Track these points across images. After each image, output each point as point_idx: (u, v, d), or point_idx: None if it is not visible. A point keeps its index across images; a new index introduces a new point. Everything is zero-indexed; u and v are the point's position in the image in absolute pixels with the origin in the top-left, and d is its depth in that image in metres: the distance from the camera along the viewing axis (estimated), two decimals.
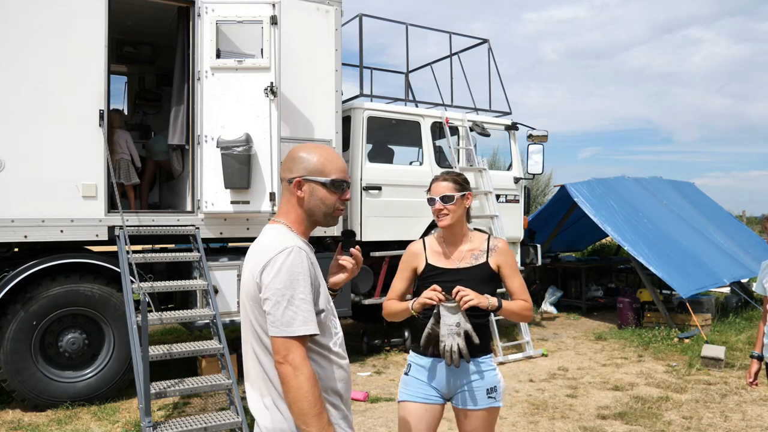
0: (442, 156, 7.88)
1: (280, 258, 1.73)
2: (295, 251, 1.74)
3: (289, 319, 1.69)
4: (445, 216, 2.57)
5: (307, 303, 1.72)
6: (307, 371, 1.67)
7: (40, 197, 5.05)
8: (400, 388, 2.62)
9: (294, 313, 1.69)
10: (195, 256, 5.41)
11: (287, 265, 1.72)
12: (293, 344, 1.68)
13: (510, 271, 2.61)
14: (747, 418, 4.91)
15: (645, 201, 9.83)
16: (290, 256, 1.73)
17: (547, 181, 20.14)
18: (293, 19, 6.06)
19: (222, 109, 5.53)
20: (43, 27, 5.07)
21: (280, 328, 1.69)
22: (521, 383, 5.99)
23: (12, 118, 4.97)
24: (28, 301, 5.01)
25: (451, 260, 2.61)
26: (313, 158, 1.87)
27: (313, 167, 1.87)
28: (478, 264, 2.58)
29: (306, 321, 1.70)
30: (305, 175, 1.86)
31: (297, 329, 1.69)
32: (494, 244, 2.63)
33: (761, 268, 3.44)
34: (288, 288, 1.70)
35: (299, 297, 1.71)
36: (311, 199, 1.87)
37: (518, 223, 8.26)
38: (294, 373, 1.66)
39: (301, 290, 1.71)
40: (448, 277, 2.55)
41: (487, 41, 8.38)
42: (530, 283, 10.88)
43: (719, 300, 9.47)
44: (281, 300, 1.70)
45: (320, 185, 1.86)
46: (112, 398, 5.32)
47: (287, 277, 1.71)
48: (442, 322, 2.39)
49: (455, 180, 2.62)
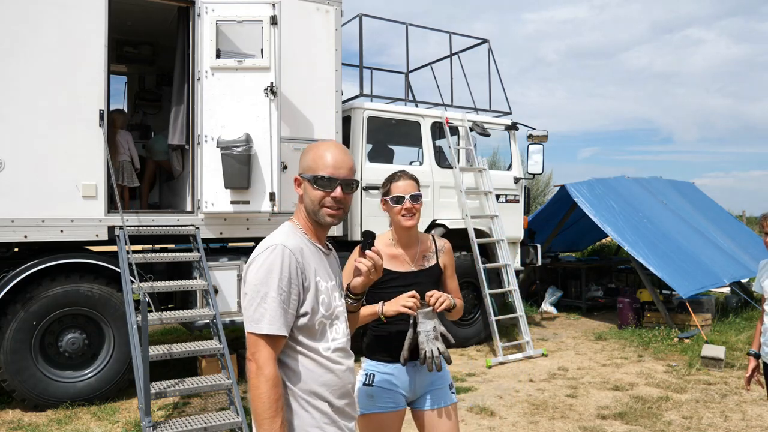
0: (442, 156, 7.88)
1: (264, 255, 1.75)
2: (278, 249, 1.74)
3: (258, 316, 1.69)
4: (412, 216, 2.51)
5: (278, 302, 1.70)
6: (268, 372, 1.66)
7: (40, 197, 5.05)
8: (364, 400, 2.47)
9: (264, 311, 1.69)
10: (195, 256, 5.41)
11: (267, 263, 1.72)
12: (260, 342, 1.68)
13: (452, 271, 2.64)
14: (747, 418, 4.91)
15: (645, 201, 9.82)
16: (272, 253, 1.74)
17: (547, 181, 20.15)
18: (293, 19, 6.06)
19: (222, 109, 5.53)
20: (43, 27, 5.07)
21: (250, 324, 1.70)
22: (521, 383, 5.99)
23: (12, 118, 4.97)
24: (28, 301, 5.01)
25: (405, 263, 2.55)
26: (307, 155, 1.88)
27: (306, 165, 1.87)
28: (431, 265, 2.57)
29: (272, 320, 1.68)
30: (300, 172, 1.88)
31: (263, 327, 1.68)
32: (441, 245, 2.63)
33: (759, 267, 3.45)
34: (263, 285, 1.71)
35: (271, 296, 1.70)
36: (305, 196, 1.87)
37: (518, 223, 8.25)
38: (256, 372, 1.66)
39: (274, 288, 1.70)
40: (407, 280, 2.50)
41: (487, 41, 8.38)
42: (530, 283, 10.89)
43: (719, 300, 9.47)
44: (255, 296, 1.71)
45: (308, 182, 1.85)
46: (112, 398, 5.32)
47: (264, 275, 1.71)
48: (420, 329, 2.35)
49: (414, 178, 2.57)
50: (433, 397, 2.50)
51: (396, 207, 2.50)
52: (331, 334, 1.84)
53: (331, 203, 1.83)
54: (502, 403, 5.34)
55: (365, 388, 2.49)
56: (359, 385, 2.49)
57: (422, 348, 2.35)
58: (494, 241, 7.66)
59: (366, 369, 2.54)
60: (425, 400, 2.50)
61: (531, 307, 10.07)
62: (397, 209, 2.50)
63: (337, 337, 1.86)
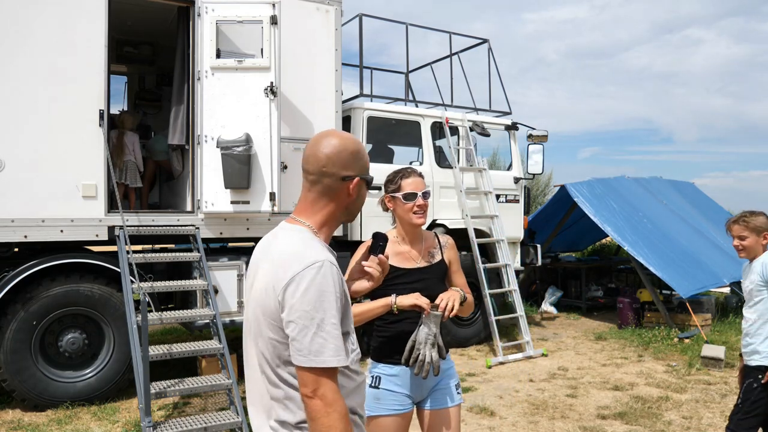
0: (442, 156, 7.88)
1: (309, 274, 1.49)
2: (327, 266, 1.52)
3: (318, 347, 1.47)
4: (424, 213, 2.50)
5: (338, 329, 1.51)
6: (340, 408, 1.48)
7: (40, 197, 5.05)
8: (370, 403, 2.44)
9: (324, 340, 1.48)
10: (195, 256, 5.41)
11: (317, 284, 1.49)
12: (324, 377, 1.47)
13: (457, 266, 2.62)
14: None
15: (645, 201, 9.82)
16: (320, 271, 1.50)
17: (547, 181, 20.13)
18: (293, 19, 6.06)
19: (222, 109, 5.53)
20: (43, 27, 5.07)
21: (308, 357, 1.47)
22: (521, 383, 5.99)
23: (12, 118, 4.97)
24: (28, 301, 5.01)
25: (410, 260, 2.54)
26: (366, 154, 1.71)
27: (368, 165, 1.70)
28: (436, 262, 2.56)
29: (337, 351, 1.49)
30: (362, 173, 1.68)
31: (328, 360, 1.47)
32: (445, 241, 2.63)
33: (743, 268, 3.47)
34: (317, 311, 1.48)
35: (330, 322, 1.49)
36: (358, 198, 1.70)
37: (518, 223, 8.26)
38: (326, 410, 1.46)
39: (331, 314, 1.49)
40: (414, 277, 2.49)
41: (487, 41, 8.38)
42: (530, 283, 10.89)
43: (719, 300, 9.47)
44: (309, 325, 1.47)
45: (366, 184, 1.69)
46: (112, 398, 5.32)
47: (317, 298, 1.49)
48: (422, 330, 2.35)
49: (422, 175, 2.58)
50: (437, 396, 2.49)
51: (407, 204, 2.48)
52: (349, 346, 1.63)
53: None
54: (502, 403, 5.34)
55: (371, 390, 2.49)
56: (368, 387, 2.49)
57: (418, 348, 2.33)
58: (494, 241, 7.66)
59: (372, 372, 2.53)
60: (429, 400, 2.50)
61: (531, 307, 10.07)
62: (408, 206, 2.48)
63: (354, 348, 1.67)
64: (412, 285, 2.44)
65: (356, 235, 6.76)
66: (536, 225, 10.05)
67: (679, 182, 11.91)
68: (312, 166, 1.64)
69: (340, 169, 1.63)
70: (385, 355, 2.50)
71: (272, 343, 1.56)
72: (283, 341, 1.53)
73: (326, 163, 1.62)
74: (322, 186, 1.64)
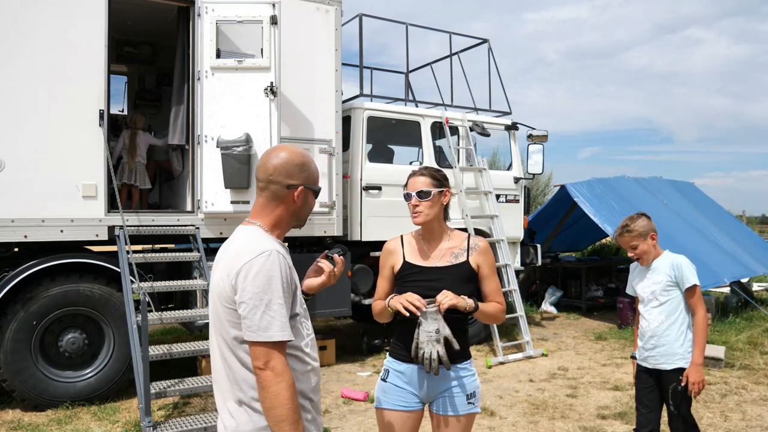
0: (442, 156, 7.88)
1: (259, 261, 1.73)
2: (274, 255, 1.75)
3: (266, 324, 1.68)
4: (419, 213, 2.48)
5: (284, 308, 1.72)
6: (288, 378, 1.68)
7: (40, 197, 5.05)
8: (378, 394, 2.53)
9: (271, 318, 1.69)
10: (195, 256, 5.41)
11: (265, 269, 1.72)
12: (272, 350, 1.68)
13: (489, 271, 2.53)
14: (747, 418, 4.91)
15: (645, 201, 9.82)
16: (269, 259, 1.73)
17: (547, 181, 20.12)
18: (293, 19, 6.06)
19: (222, 109, 5.53)
20: (43, 27, 5.07)
21: (257, 333, 1.68)
22: (521, 383, 5.99)
23: (12, 118, 4.97)
24: (28, 301, 5.01)
25: (429, 258, 2.51)
26: (312, 167, 1.93)
27: (313, 177, 1.93)
28: (458, 263, 2.48)
29: (283, 327, 1.70)
30: (307, 183, 1.90)
31: (274, 334, 1.68)
32: (475, 243, 2.54)
33: (631, 269, 3.49)
34: (266, 292, 1.70)
35: (277, 302, 1.71)
36: (305, 206, 1.92)
37: (518, 223, 8.26)
38: (276, 380, 1.67)
39: (278, 295, 1.71)
40: (427, 275, 2.47)
41: (487, 41, 8.38)
42: (530, 283, 10.89)
43: (719, 300, 9.47)
44: (259, 305, 1.69)
45: (313, 193, 1.93)
46: (112, 398, 5.32)
47: (265, 282, 1.71)
48: (422, 329, 2.33)
49: (433, 175, 2.51)
50: (444, 402, 2.45)
51: (408, 203, 2.52)
52: (304, 331, 1.87)
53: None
54: (502, 403, 5.34)
55: (381, 382, 2.54)
56: (378, 380, 2.56)
57: (420, 348, 2.33)
58: (494, 241, 7.66)
59: (385, 364, 2.57)
60: (438, 404, 2.47)
61: (531, 307, 10.07)
62: (408, 206, 2.53)
63: (309, 333, 1.90)
64: (427, 283, 2.44)
65: (356, 235, 6.76)
66: (536, 225, 10.05)
67: (679, 182, 11.91)
68: (261, 174, 1.88)
69: (285, 178, 1.86)
70: (396, 351, 2.53)
71: (227, 326, 1.77)
72: (237, 321, 1.74)
73: (273, 172, 1.86)
74: (269, 192, 1.87)
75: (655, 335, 3.24)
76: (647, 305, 3.31)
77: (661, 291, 3.24)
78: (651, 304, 3.28)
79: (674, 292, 3.22)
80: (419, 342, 2.34)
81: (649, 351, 3.27)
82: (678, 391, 3.17)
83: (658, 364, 3.24)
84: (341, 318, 8.56)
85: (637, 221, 3.30)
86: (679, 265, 3.22)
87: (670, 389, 3.20)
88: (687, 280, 3.19)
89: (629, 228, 3.29)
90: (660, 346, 3.22)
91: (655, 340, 3.24)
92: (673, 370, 3.19)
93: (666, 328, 3.21)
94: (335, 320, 9.07)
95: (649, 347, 3.27)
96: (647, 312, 3.30)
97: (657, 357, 3.24)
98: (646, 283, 3.31)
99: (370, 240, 6.82)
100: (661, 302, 3.24)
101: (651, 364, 3.27)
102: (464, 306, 2.34)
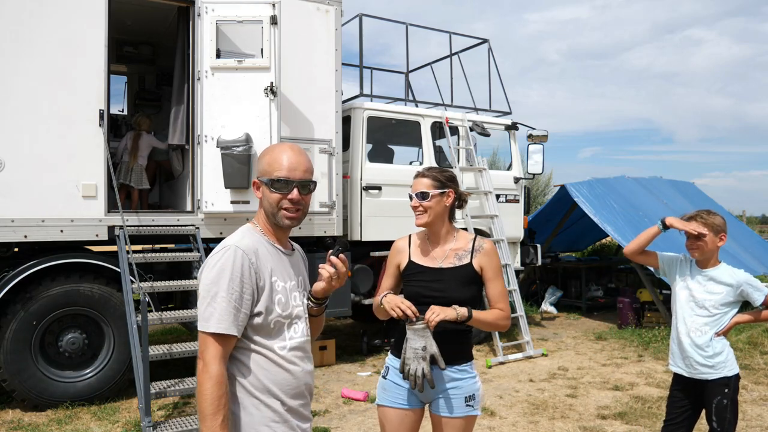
0: (442, 156, 7.88)
1: (217, 256, 1.79)
2: (231, 250, 1.78)
3: (208, 315, 1.72)
4: (421, 213, 2.48)
5: (228, 302, 1.72)
6: (213, 371, 1.68)
7: (40, 197, 5.05)
8: (379, 391, 2.55)
9: (213, 309, 1.72)
10: (195, 256, 5.41)
11: (220, 263, 1.76)
12: (208, 341, 1.71)
13: (492, 274, 2.49)
14: (747, 418, 4.90)
15: (645, 201, 9.82)
16: (225, 254, 1.77)
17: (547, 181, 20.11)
18: (293, 18, 6.06)
19: (222, 109, 5.53)
20: (42, 27, 5.07)
21: (200, 323, 1.74)
22: (521, 383, 5.99)
23: (12, 118, 4.97)
24: (28, 301, 5.01)
25: (433, 259, 2.51)
26: (263, 159, 1.90)
27: (262, 168, 1.88)
28: (461, 264, 2.47)
29: (220, 320, 1.71)
30: (258, 176, 1.90)
31: (211, 326, 1.71)
32: (480, 245, 2.51)
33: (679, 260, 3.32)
34: (214, 285, 1.74)
35: (221, 295, 1.73)
36: (264, 199, 1.89)
37: (518, 223, 8.25)
38: (201, 370, 1.70)
39: (224, 288, 1.73)
40: (429, 276, 2.47)
41: (487, 41, 8.38)
42: (530, 283, 10.89)
43: None
44: (206, 296, 1.75)
45: (265, 185, 1.87)
46: (112, 398, 5.32)
47: (216, 275, 1.75)
48: (409, 345, 2.32)
49: (435, 177, 2.49)
50: (441, 403, 2.45)
51: (410, 204, 2.53)
52: (288, 333, 1.86)
53: (289, 205, 1.86)
54: (502, 403, 5.34)
55: (381, 380, 2.56)
56: (379, 377, 2.57)
57: (407, 364, 2.33)
58: (494, 241, 7.66)
59: (387, 361, 2.58)
60: (436, 404, 2.47)
61: (531, 307, 10.07)
62: (411, 206, 2.53)
63: (294, 336, 1.88)
64: (429, 284, 2.44)
65: (356, 235, 6.76)
66: (536, 225, 10.05)
67: (679, 182, 11.91)
68: None
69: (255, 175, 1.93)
70: (397, 349, 2.53)
71: None
72: None
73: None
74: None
75: (702, 346, 3.01)
76: (690, 310, 3.07)
77: (716, 305, 3.03)
78: (697, 312, 3.05)
79: (732, 312, 3.05)
80: (406, 358, 2.34)
81: (700, 365, 3.02)
82: (724, 405, 2.94)
83: (706, 375, 3.00)
84: (341, 318, 8.57)
85: (715, 216, 3.12)
86: (746, 282, 3.04)
87: (715, 402, 2.97)
88: (756, 299, 3.04)
89: (704, 217, 3.11)
90: (715, 356, 2.99)
91: (703, 351, 3.01)
92: (718, 381, 2.97)
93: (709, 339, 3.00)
94: (335, 320, 9.08)
95: (698, 360, 3.02)
96: (690, 318, 3.06)
97: (707, 368, 3.00)
98: (699, 288, 3.08)
99: (369, 240, 6.82)
100: (712, 314, 3.02)
101: (700, 376, 3.02)
102: (455, 316, 2.31)
